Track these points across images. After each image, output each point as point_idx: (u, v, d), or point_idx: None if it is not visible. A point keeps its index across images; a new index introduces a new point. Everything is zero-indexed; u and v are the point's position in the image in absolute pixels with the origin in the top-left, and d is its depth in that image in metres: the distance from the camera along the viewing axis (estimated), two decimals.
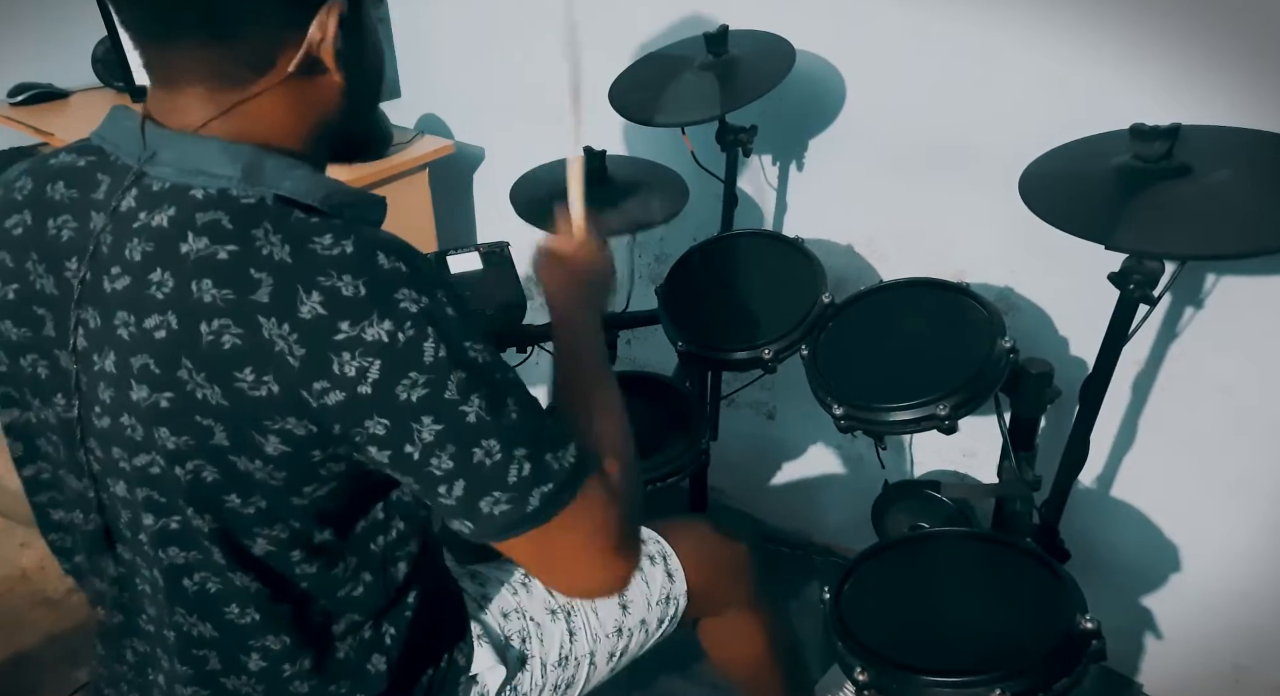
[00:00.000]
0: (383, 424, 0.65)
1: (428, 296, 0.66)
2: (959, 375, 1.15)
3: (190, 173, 0.67)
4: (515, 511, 0.70)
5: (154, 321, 0.65)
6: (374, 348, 0.64)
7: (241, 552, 0.74)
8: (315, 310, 0.63)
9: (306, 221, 0.67)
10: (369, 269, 0.65)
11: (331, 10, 0.67)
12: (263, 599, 0.76)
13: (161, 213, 0.67)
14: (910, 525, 1.36)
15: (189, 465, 0.68)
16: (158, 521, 0.72)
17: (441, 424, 0.66)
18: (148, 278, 0.66)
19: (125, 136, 0.71)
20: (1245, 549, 1.39)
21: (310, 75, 0.70)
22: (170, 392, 0.66)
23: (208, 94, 0.68)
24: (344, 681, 0.83)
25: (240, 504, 0.70)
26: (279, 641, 0.78)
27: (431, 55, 2.06)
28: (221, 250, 0.65)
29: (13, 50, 2.26)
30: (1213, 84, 1.14)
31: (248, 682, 0.80)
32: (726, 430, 1.79)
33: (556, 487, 0.71)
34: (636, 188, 1.52)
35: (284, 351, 0.63)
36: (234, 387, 0.65)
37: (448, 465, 0.67)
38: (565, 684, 1.04)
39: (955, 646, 1.05)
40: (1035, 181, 1.09)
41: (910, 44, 1.40)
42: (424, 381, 0.65)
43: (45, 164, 0.75)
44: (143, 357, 0.66)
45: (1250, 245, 0.94)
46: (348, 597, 0.80)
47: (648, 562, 1.12)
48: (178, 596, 0.76)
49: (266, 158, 0.68)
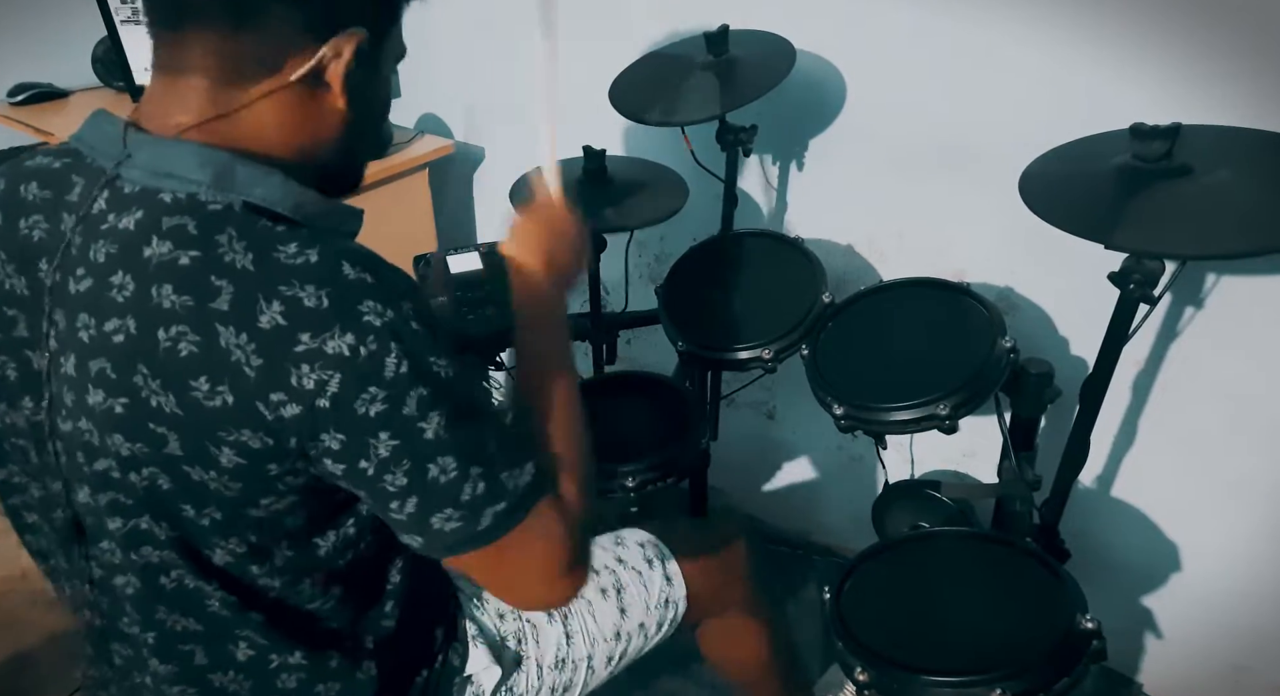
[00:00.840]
0: (339, 438, 0.65)
1: (393, 309, 0.65)
2: (959, 375, 1.15)
3: (161, 176, 0.67)
4: (466, 529, 0.70)
5: (113, 325, 0.65)
6: (334, 361, 0.62)
7: (203, 561, 0.73)
8: (275, 320, 0.62)
9: (272, 230, 0.66)
10: (333, 279, 0.64)
11: (353, 37, 0.68)
12: (232, 605, 0.75)
13: (129, 216, 0.66)
14: (910, 525, 1.36)
15: (144, 472, 0.67)
16: (126, 523, 0.71)
17: (398, 440, 0.65)
18: (109, 280, 0.65)
19: (103, 139, 0.71)
20: (1245, 549, 1.39)
21: (313, 89, 0.70)
22: (125, 398, 0.65)
23: (209, 88, 0.68)
24: (333, 683, 0.83)
25: (195, 514, 0.69)
26: (260, 638, 0.78)
27: (431, 55, 2.06)
28: (184, 255, 0.64)
29: (13, 50, 2.26)
30: (1213, 84, 1.14)
31: (235, 678, 0.79)
32: (726, 430, 1.79)
33: (509, 507, 0.71)
34: (636, 188, 1.52)
35: (240, 361, 0.62)
36: (189, 397, 0.64)
37: (401, 482, 0.67)
38: (563, 687, 1.04)
39: (955, 646, 1.05)
40: (1035, 181, 1.09)
41: (910, 44, 1.40)
42: (383, 397, 0.64)
43: (21, 165, 0.75)
44: (100, 361, 0.65)
45: (1250, 245, 0.94)
46: (319, 609, 0.79)
47: (646, 566, 1.12)
48: (157, 594, 0.75)
49: (239, 164, 0.67)
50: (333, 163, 0.75)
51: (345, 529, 0.77)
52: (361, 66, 0.70)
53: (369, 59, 0.71)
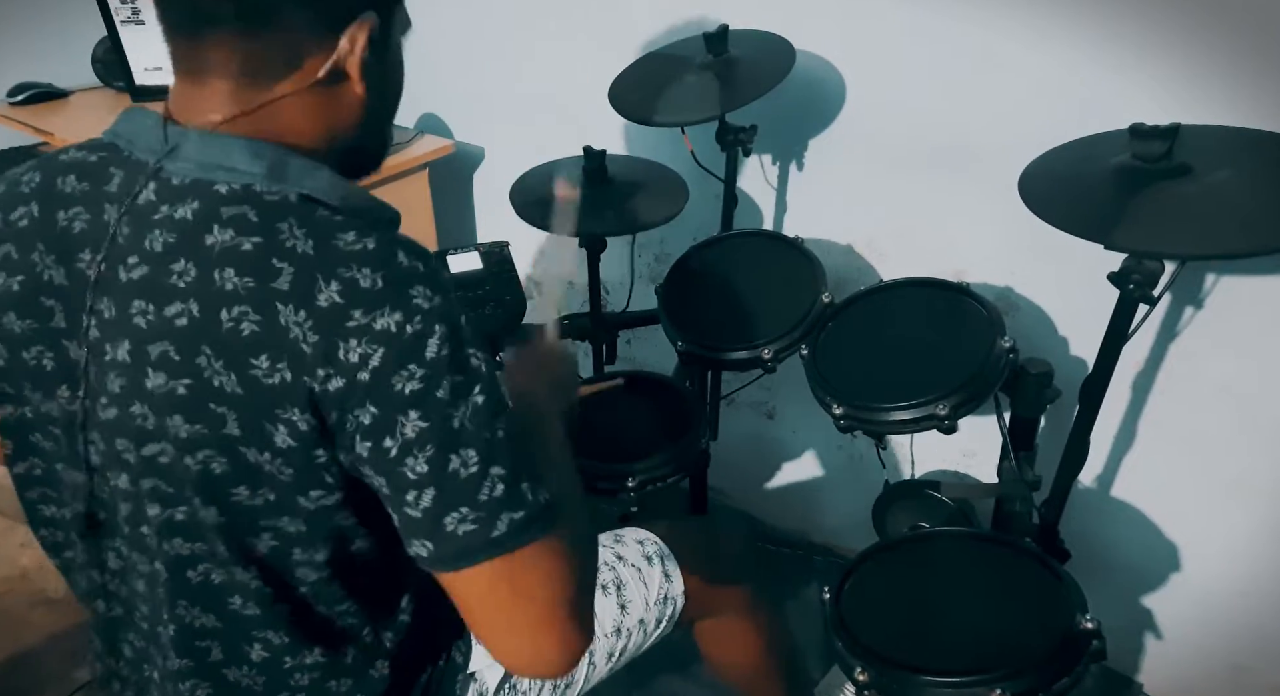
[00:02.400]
0: (371, 412, 0.66)
1: (441, 297, 0.68)
2: (959, 375, 1.15)
3: (212, 168, 0.68)
4: (480, 533, 0.68)
5: (175, 309, 0.66)
6: (380, 336, 0.65)
7: (245, 549, 0.74)
8: (332, 299, 0.65)
9: (330, 219, 0.68)
10: (388, 264, 0.67)
11: (364, 25, 0.69)
12: (263, 597, 0.76)
13: (184, 206, 0.68)
14: (910, 525, 1.36)
15: (199, 455, 0.69)
16: (164, 512, 0.73)
17: (426, 421, 0.66)
18: (169, 267, 0.67)
19: (141, 133, 0.72)
20: (1245, 549, 1.39)
21: (334, 84, 0.71)
22: (188, 379, 0.67)
23: (233, 89, 0.69)
24: (345, 679, 0.83)
25: (248, 496, 0.71)
26: (279, 637, 0.78)
27: (431, 55, 2.06)
28: (246, 241, 0.66)
29: (13, 50, 2.26)
30: (1213, 84, 1.14)
31: (249, 674, 0.80)
32: (726, 430, 1.79)
33: (526, 517, 0.69)
34: (636, 188, 1.52)
35: (298, 338, 0.65)
36: (249, 375, 0.65)
37: (422, 468, 0.67)
38: (564, 683, 1.04)
39: (955, 646, 1.05)
40: (1035, 181, 1.09)
41: (910, 44, 1.40)
42: (420, 376, 0.65)
43: (55, 159, 0.76)
44: (162, 345, 0.67)
45: (1250, 245, 0.94)
46: (346, 606, 0.80)
47: (645, 563, 1.12)
48: (181, 588, 0.76)
49: (291, 158, 0.70)
50: (358, 144, 0.77)
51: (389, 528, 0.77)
52: (375, 51, 0.72)
53: (381, 41, 0.72)
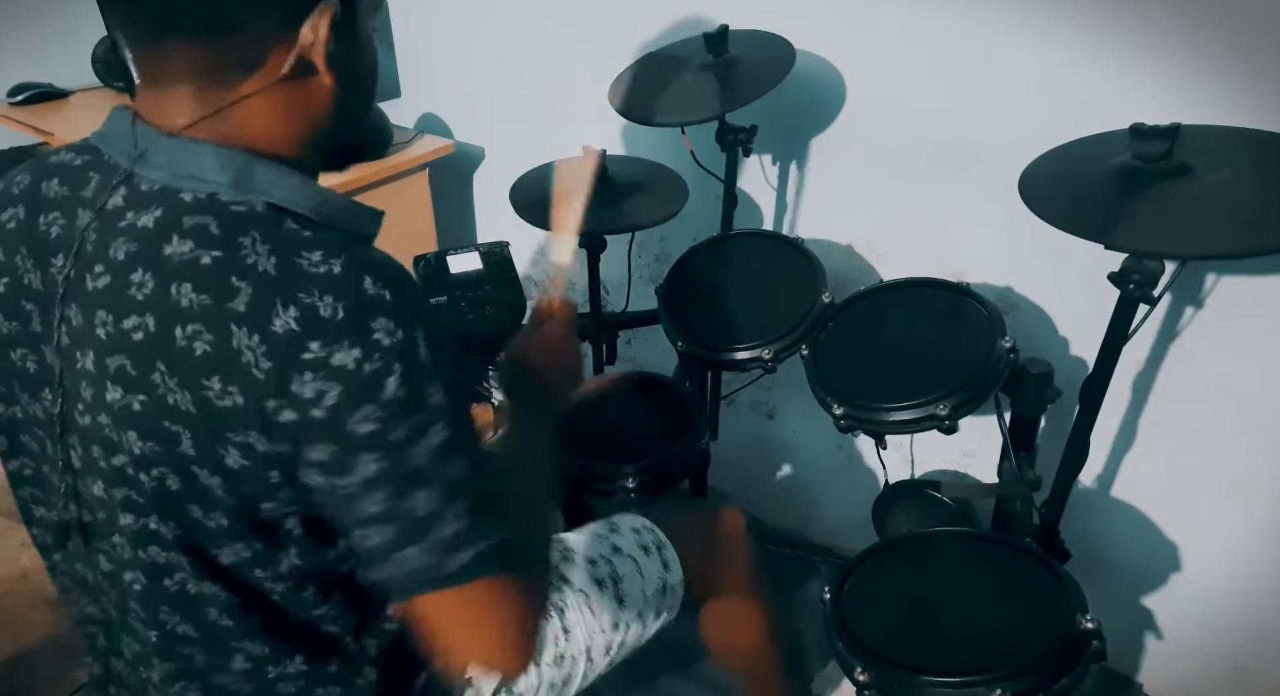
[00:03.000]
0: (328, 450, 0.64)
1: (404, 331, 0.64)
2: (959, 375, 1.15)
3: (181, 176, 0.67)
4: (436, 567, 0.68)
5: (132, 322, 0.65)
6: (337, 373, 0.62)
7: (208, 560, 0.72)
8: (289, 325, 0.62)
9: (298, 234, 0.66)
10: (352, 292, 0.63)
11: (324, 13, 0.66)
12: (234, 607, 0.74)
13: (148, 213, 0.66)
14: (910, 525, 1.36)
15: (154, 472, 0.67)
16: (137, 521, 0.71)
17: (384, 462, 0.64)
18: (129, 278, 0.65)
19: (119, 135, 0.71)
20: (1245, 549, 1.39)
21: (301, 77, 0.69)
22: (143, 396, 0.65)
23: (196, 93, 0.67)
24: (332, 687, 0.82)
25: (202, 516, 0.69)
26: (258, 647, 0.77)
27: (431, 55, 2.06)
28: (206, 255, 0.64)
29: (13, 50, 2.26)
30: (1213, 84, 1.14)
31: (235, 680, 0.79)
32: (726, 430, 1.79)
33: (479, 555, 0.69)
34: (636, 188, 1.52)
35: (250, 363, 0.62)
36: (202, 396, 0.63)
37: (378, 507, 0.66)
38: (563, 681, 1.04)
39: (955, 646, 1.05)
40: (1035, 181, 1.09)
41: (910, 44, 1.40)
42: (377, 416, 0.63)
43: (45, 161, 0.75)
44: (119, 358, 0.65)
45: (1250, 245, 0.94)
46: (322, 615, 0.79)
47: (642, 554, 1.12)
48: (159, 595, 0.75)
49: (258, 164, 0.67)
50: (337, 136, 0.74)
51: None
52: (340, 38, 0.69)
53: (346, 28, 0.70)
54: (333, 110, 0.72)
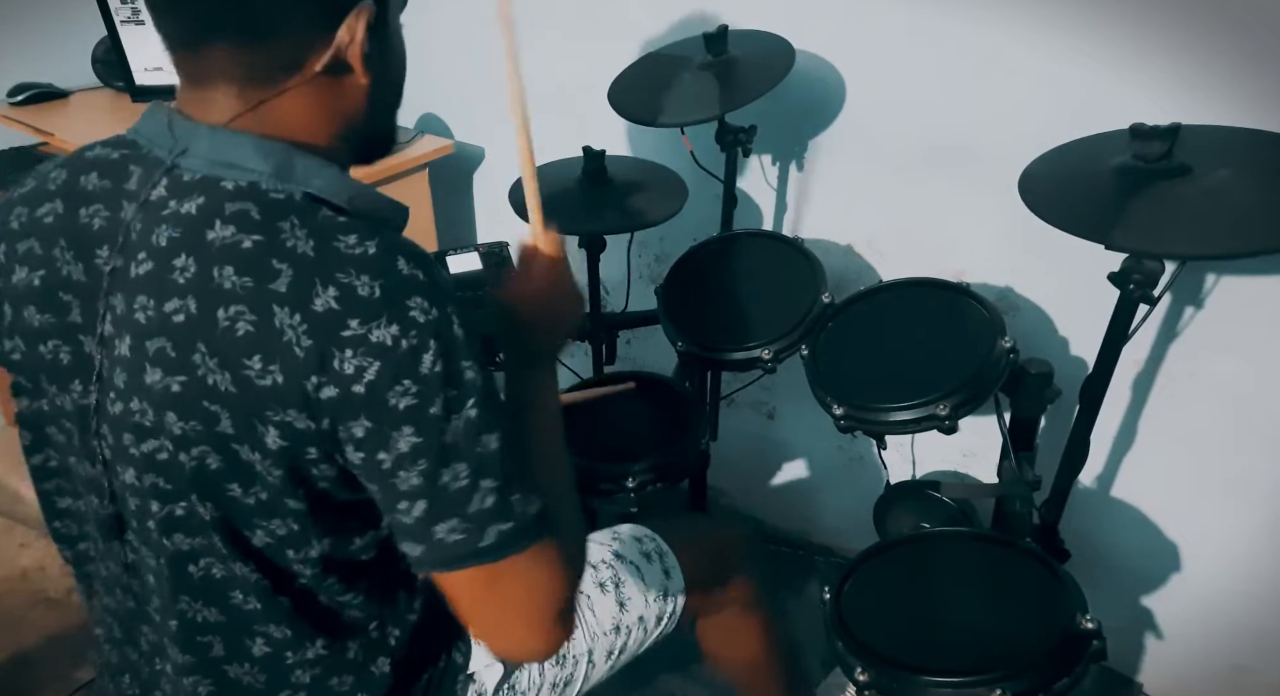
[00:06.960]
0: (365, 425, 0.66)
1: (438, 309, 0.67)
2: (959, 375, 1.15)
3: (222, 165, 0.69)
4: (469, 542, 0.69)
5: (173, 305, 0.67)
6: (375, 349, 0.64)
7: (242, 542, 0.74)
8: (328, 304, 0.64)
9: (334, 219, 0.68)
10: (388, 272, 0.66)
11: (361, 14, 0.69)
12: (263, 589, 0.76)
13: (191, 201, 0.68)
14: (911, 525, 1.36)
15: (194, 451, 0.69)
16: (164, 508, 0.73)
17: (420, 437, 0.66)
18: (171, 262, 0.67)
19: (158, 130, 0.72)
20: (1245, 549, 1.39)
21: (337, 75, 0.71)
22: (183, 377, 0.67)
23: (238, 92, 0.69)
24: (347, 676, 0.84)
25: (242, 493, 0.71)
26: (280, 631, 0.79)
27: (431, 55, 2.06)
28: (247, 239, 0.66)
29: (13, 50, 2.26)
30: (1213, 84, 1.14)
31: (250, 671, 0.80)
32: (726, 430, 1.79)
33: (515, 529, 0.70)
34: (636, 188, 1.52)
35: (291, 341, 0.64)
36: (242, 375, 0.66)
37: (414, 482, 0.67)
38: (564, 682, 1.04)
39: (955, 646, 1.05)
40: (1035, 181, 1.09)
41: (910, 44, 1.40)
42: (414, 391, 0.65)
43: (81, 155, 0.77)
44: (159, 341, 0.67)
45: (1250, 245, 0.94)
46: (348, 602, 0.81)
47: (644, 561, 1.12)
48: (183, 583, 0.77)
49: (298, 156, 0.70)
50: (369, 131, 0.77)
51: (381, 530, 0.78)
52: (375, 39, 0.71)
53: (380, 28, 0.72)
54: (366, 106, 0.75)
